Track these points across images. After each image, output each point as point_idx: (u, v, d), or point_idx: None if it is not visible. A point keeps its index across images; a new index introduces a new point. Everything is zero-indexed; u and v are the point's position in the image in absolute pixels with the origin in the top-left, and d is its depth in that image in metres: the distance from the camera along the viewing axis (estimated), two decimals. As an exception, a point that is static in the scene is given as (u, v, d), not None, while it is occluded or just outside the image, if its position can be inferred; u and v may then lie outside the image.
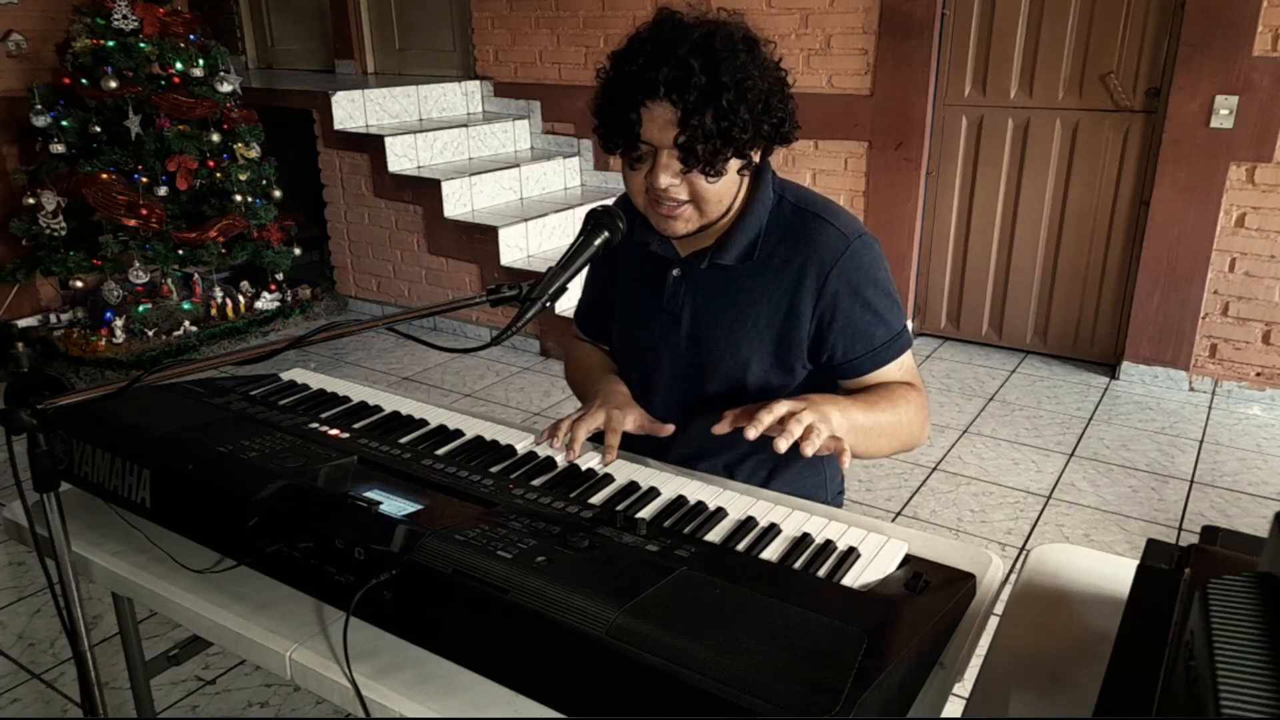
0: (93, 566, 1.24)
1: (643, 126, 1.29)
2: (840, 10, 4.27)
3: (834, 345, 1.42)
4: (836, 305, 1.40)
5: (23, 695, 2.25)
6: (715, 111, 1.25)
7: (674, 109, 1.26)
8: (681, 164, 1.30)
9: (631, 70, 1.29)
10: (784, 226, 1.43)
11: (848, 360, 1.44)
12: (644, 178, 1.33)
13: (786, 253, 1.42)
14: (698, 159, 1.28)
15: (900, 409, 1.39)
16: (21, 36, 4.46)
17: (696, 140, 1.26)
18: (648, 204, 1.36)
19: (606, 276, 1.62)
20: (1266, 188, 3.63)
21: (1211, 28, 3.58)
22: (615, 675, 0.86)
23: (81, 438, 1.30)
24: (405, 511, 1.10)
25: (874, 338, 1.42)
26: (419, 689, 0.97)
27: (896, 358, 1.45)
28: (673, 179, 1.30)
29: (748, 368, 1.45)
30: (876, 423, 1.35)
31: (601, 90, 1.35)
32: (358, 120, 4.98)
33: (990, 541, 2.88)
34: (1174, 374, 3.99)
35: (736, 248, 1.43)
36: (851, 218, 1.45)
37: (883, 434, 1.36)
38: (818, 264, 1.39)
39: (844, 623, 0.91)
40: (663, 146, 1.29)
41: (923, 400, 1.45)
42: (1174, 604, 0.83)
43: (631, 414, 1.46)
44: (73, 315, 4.63)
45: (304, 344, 1.10)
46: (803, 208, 1.44)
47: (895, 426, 1.38)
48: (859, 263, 1.40)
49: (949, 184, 4.39)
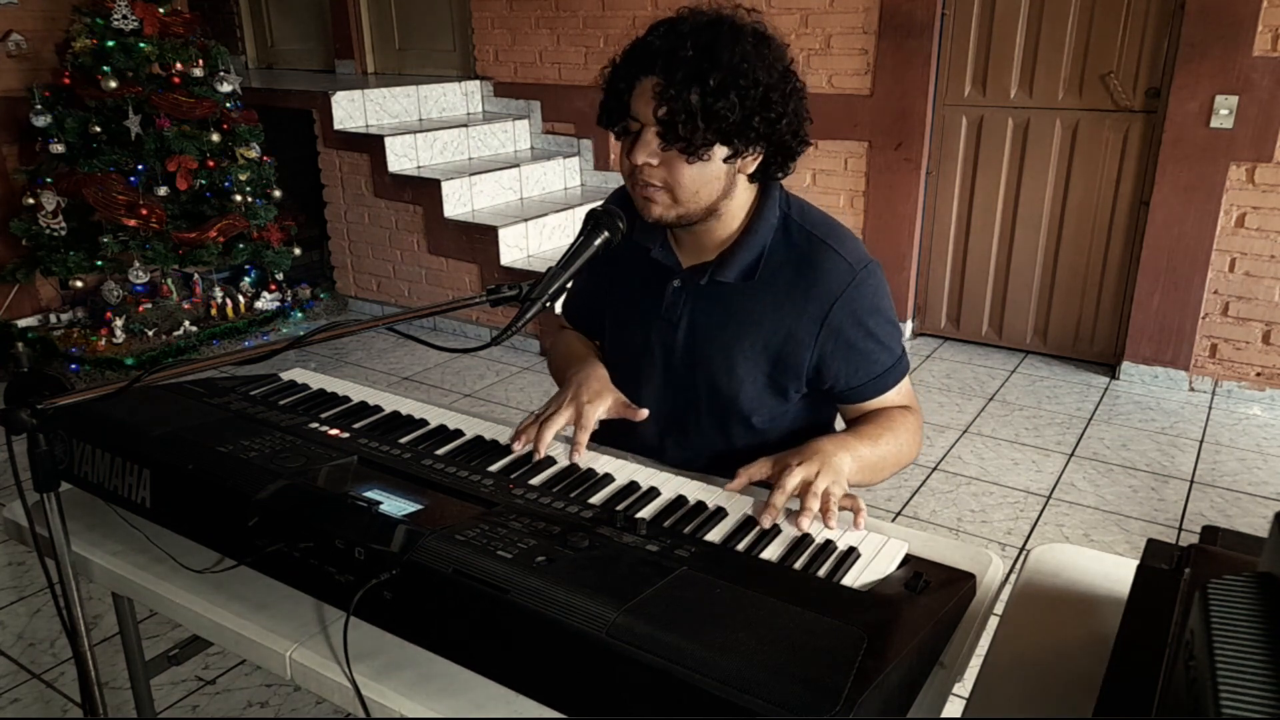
0: (93, 566, 1.24)
1: (631, 100, 1.30)
2: (840, 10, 4.27)
3: (837, 374, 1.43)
4: (840, 335, 1.40)
5: (23, 695, 2.25)
6: (700, 90, 1.24)
7: (659, 84, 1.26)
8: (661, 139, 1.28)
9: (635, 46, 1.31)
10: (788, 249, 1.41)
11: (851, 388, 1.44)
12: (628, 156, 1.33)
13: (791, 277, 1.40)
14: (677, 137, 1.26)
15: (901, 436, 1.41)
16: (21, 36, 4.45)
17: (677, 117, 1.24)
18: (632, 185, 1.36)
19: (601, 272, 1.60)
20: (1266, 188, 3.63)
21: (1211, 28, 3.57)
22: (615, 675, 0.86)
23: (81, 438, 1.29)
24: (405, 511, 1.10)
25: (877, 365, 1.43)
26: (419, 689, 0.97)
27: (898, 383, 1.46)
28: (649, 157, 1.29)
29: (741, 386, 1.45)
30: (881, 455, 1.36)
31: (609, 68, 1.36)
32: (358, 120, 4.98)
33: (990, 541, 2.88)
34: (1174, 374, 3.99)
35: (739, 265, 1.41)
36: (856, 243, 1.44)
37: (885, 464, 1.38)
38: (823, 293, 1.38)
39: (844, 623, 0.90)
40: (647, 123, 1.28)
41: (918, 423, 1.47)
42: (1174, 604, 0.83)
43: (603, 401, 1.43)
44: (73, 315, 4.63)
45: (304, 344, 1.10)
46: (808, 230, 1.42)
47: (897, 454, 1.40)
48: (864, 292, 1.39)
49: (949, 184, 4.38)
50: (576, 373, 1.49)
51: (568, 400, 1.42)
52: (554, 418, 1.38)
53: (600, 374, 1.49)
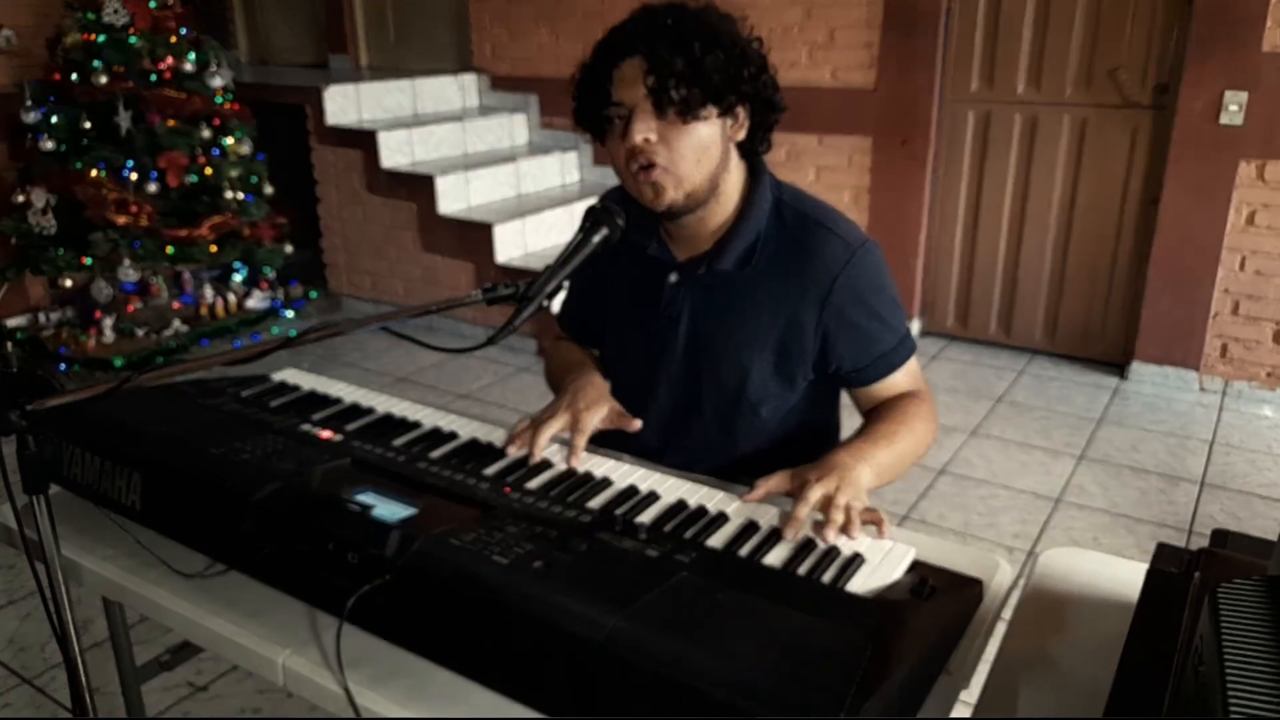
0: (83, 571, 1.24)
1: (615, 88, 1.31)
2: (844, 3, 4.23)
3: (842, 355, 1.43)
4: (842, 316, 1.40)
5: (14, 700, 2.24)
6: (686, 54, 1.27)
7: (644, 60, 1.28)
8: (655, 109, 1.29)
9: (605, 43, 1.33)
10: (783, 233, 1.42)
11: (856, 369, 1.44)
12: (623, 143, 1.33)
13: (787, 261, 1.41)
14: (671, 101, 1.28)
15: (917, 429, 1.40)
16: (12, 32, 4.42)
17: (667, 83, 1.27)
18: (633, 178, 1.36)
19: (595, 276, 1.58)
20: (1277, 185, 3.59)
21: (1221, 23, 3.54)
22: (614, 682, 0.85)
23: (71, 440, 1.29)
24: (400, 515, 1.09)
25: (881, 344, 1.43)
26: (414, 696, 0.97)
27: (904, 363, 1.46)
28: (649, 133, 1.30)
29: (747, 376, 1.45)
30: (899, 455, 1.36)
31: (579, 70, 1.38)
32: (351, 115, 4.92)
33: (998, 545, 2.84)
34: (1184, 374, 3.95)
35: (734, 252, 1.42)
36: (851, 224, 1.45)
37: (905, 461, 1.38)
38: (821, 274, 1.39)
39: (848, 628, 0.90)
40: (635, 103, 1.30)
41: (930, 408, 1.46)
42: (1184, 609, 0.84)
43: (600, 410, 1.42)
44: (62, 314, 4.59)
45: (296, 344, 1.09)
46: (803, 213, 1.44)
47: (914, 448, 1.40)
48: (863, 271, 1.40)
49: (955, 181, 4.34)
50: (574, 380, 1.48)
51: (564, 406, 1.42)
52: (550, 422, 1.38)
53: (597, 382, 1.48)
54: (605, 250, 1.31)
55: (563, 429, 1.38)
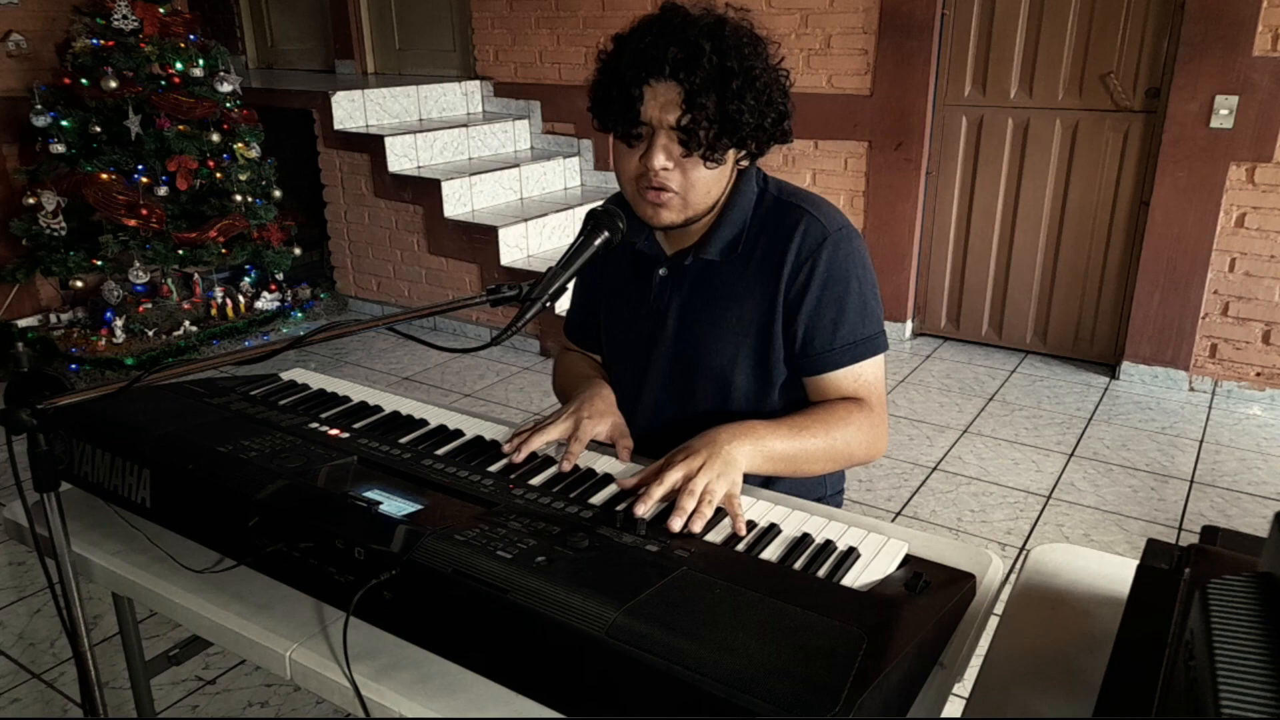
0: (93, 566, 1.24)
1: (644, 105, 1.27)
2: (840, 10, 4.27)
3: (796, 335, 1.39)
4: (805, 294, 1.37)
5: (23, 695, 2.25)
6: (721, 95, 1.24)
7: (679, 88, 1.25)
8: (682, 147, 1.28)
9: (638, 48, 1.27)
10: (767, 219, 1.42)
11: (806, 355, 1.40)
12: (638, 161, 1.31)
13: (768, 244, 1.40)
14: (699, 143, 1.26)
15: (835, 431, 1.35)
16: (21, 36, 4.45)
17: (699, 123, 1.25)
18: (636, 191, 1.34)
19: (592, 281, 1.60)
20: (1266, 188, 3.63)
21: (1211, 28, 3.57)
22: (614, 675, 0.86)
23: (82, 438, 1.29)
24: (405, 511, 1.10)
25: (838, 337, 1.38)
26: (419, 689, 0.97)
27: (854, 363, 1.39)
28: (668, 161, 1.29)
29: (734, 366, 1.43)
30: (802, 449, 1.32)
31: (602, 68, 1.33)
32: (358, 120, 4.98)
33: (990, 541, 2.88)
34: (1174, 374, 3.99)
35: (720, 242, 1.41)
36: (834, 210, 1.43)
37: (812, 459, 1.34)
38: (794, 253, 1.37)
39: (844, 623, 0.90)
40: (662, 127, 1.28)
41: (871, 419, 1.39)
42: (1174, 604, 0.83)
43: (603, 422, 1.40)
44: (73, 315, 4.63)
45: (304, 344, 1.10)
46: (785, 199, 1.43)
47: (828, 450, 1.35)
48: (837, 256, 1.37)
49: (949, 184, 4.38)
50: (582, 391, 1.47)
51: (568, 414, 1.40)
52: (549, 427, 1.37)
53: (606, 394, 1.47)
54: (608, 251, 1.31)
55: (562, 436, 1.37)
